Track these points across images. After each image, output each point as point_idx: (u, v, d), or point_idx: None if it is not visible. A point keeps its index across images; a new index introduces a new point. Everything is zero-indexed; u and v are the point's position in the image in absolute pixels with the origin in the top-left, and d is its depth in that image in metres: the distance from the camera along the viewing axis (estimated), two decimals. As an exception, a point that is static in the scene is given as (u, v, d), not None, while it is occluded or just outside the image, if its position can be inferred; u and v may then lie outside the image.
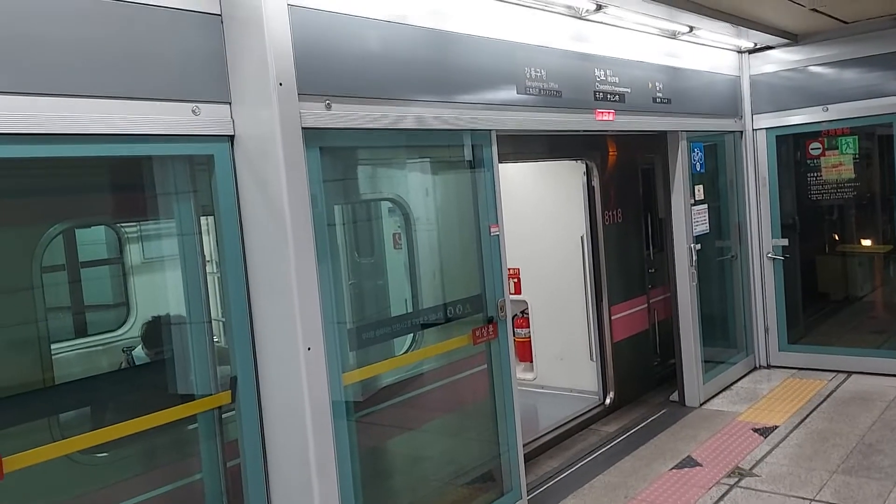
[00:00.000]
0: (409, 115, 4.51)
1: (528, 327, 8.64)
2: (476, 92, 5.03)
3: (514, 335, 8.90)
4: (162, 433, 3.74)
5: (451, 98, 4.81)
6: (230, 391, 3.87)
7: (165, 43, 3.60)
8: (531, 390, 8.44)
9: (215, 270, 4.03)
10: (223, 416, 3.93)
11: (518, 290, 8.63)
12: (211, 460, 3.94)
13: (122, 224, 4.77)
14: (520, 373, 8.76)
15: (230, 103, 3.84)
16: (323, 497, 3.87)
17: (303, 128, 3.84)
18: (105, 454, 3.69)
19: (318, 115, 3.95)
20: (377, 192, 5.26)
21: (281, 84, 3.72)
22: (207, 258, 4.02)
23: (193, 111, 3.68)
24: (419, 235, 5.38)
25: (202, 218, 3.95)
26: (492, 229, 5.14)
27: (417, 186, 5.39)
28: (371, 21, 4.31)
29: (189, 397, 3.81)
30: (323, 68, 4.02)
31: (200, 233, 3.86)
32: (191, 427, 3.92)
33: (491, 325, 5.13)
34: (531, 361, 8.65)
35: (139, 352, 5.06)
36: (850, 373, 8.19)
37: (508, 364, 5.23)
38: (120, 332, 5.73)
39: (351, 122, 4.15)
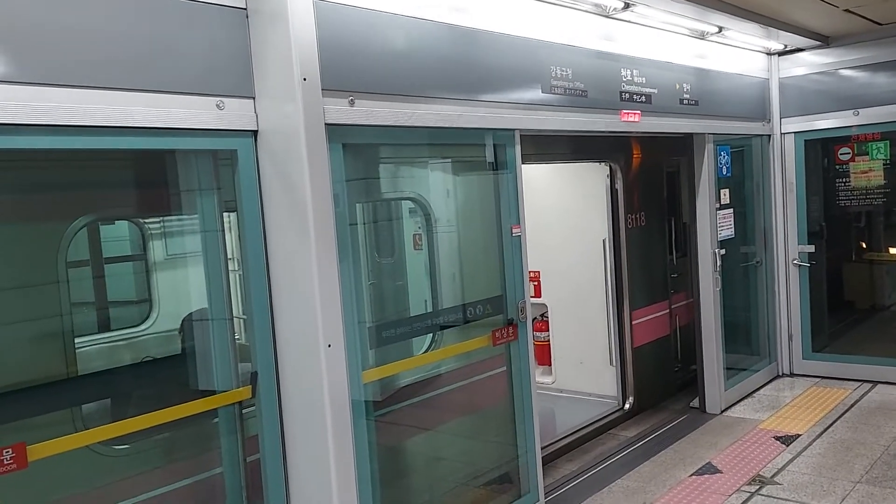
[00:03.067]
0: (432, 113, 4.48)
1: (548, 330, 8.58)
2: (500, 91, 5.00)
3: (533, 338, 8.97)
4: (183, 427, 3.74)
5: (474, 96, 4.78)
6: (251, 386, 3.86)
7: (190, 37, 3.60)
8: (550, 394, 8.40)
9: (237, 267, 4.03)
10: (244, 411, 3.92)
11: (538, 293, 8.58)
12: (231, 455, 3.94)
13: (146, 220, 4.78)
14: (538, 376, 8.71)
15: (254, 98, 3.83)
16: (341, 493, 3.85)
17: (326, 124, 3.82)
18: (126, 446, 3.69)
19: (342, 111, 3.94)
20: (399, 191, 5.24)
21: (305, 79, 3.70)
22: (230, 255, 4.01)
23: (218, 105, 3.67)
24: (440, 236, 5.35)
25: (225, 214, 3.94)
26: (513, 230, 5.10)
27: (439, 186, 5.36)
28: (395, 17, 4.29)
29: (210, 392, 3.81)
30: (346, 64, 4.00)
31: (223, 229, 3.85)
32: (212, 421, 3.91)
33: (511, 327, 5.10)
34: (550, 365, 8.59)
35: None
36: (875, 382, 8.08)
37: (528, 366, 5.20)
38: (142, 327, 5.75)
39: (373, 119, 4.13)
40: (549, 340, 8.61)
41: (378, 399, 4.50)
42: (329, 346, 3.78)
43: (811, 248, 8.54)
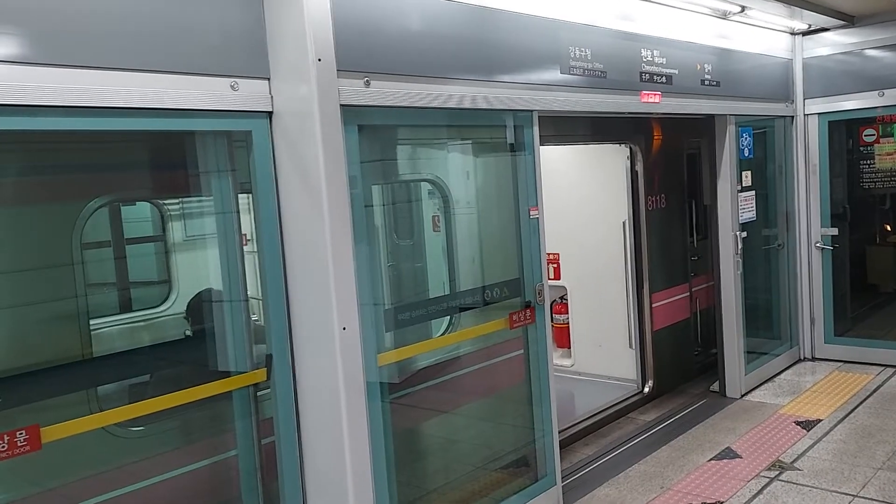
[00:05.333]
0: (449, 94, 4.43)
1: (567, 313, 8.53)
2: (518, 71, 4.94)
3: (552, 321, 8.91)
4: (198, 409, 3.74)
5: (492, 77, 4.72)
6: (266, 369, 3.85)
7: (204, 16, 3.57)
8: (569, 377, 8.37)
9: (254, 249, 4.01)
10: (259, 393, 3.92)
11: (557, 276, 8.53)
12: (246, 437, 3.94)
13: (164, 201, 4.76)
14: (557, 359, 8.66)
15: (269, 79, 3.80)
16: (356, 476, 3.85)
17: (341, 105, 3.78)
18: (141, 427, 3.70)
19: (357, 92, 3.90)
20: (416, 173, 5.20)
21: (320, 60, 3.66)
22: (248, 236, 4.00)
23: (232, 86, 3.65)
24: (458, 218, 5.31)
25: (241, 195, 3.92)
26: (531, 212, 5.05)
27: (457, 168, 5.32)
28: (412, -3, 4.24)
29: (225, 374, 3.80)
30: (362, 44, 3.96)
31: (238, 210, 3.83)
32: (227, 403, 3.91)
33: (528, 310, 5.06)
34: (569, 348, 8.55)
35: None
36: (898, 367, 7.98)
37: (545, 349, 5.16)
38: (162, 308, 5.76)
39: (389, 100, 4.09)
40: (568, 323, 8.56)
41: (395, 381, 4.48)
42: (344, 328, 3.76)
43: (834, 231, 8.42)
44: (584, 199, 8.02)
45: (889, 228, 9.34)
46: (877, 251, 9.49)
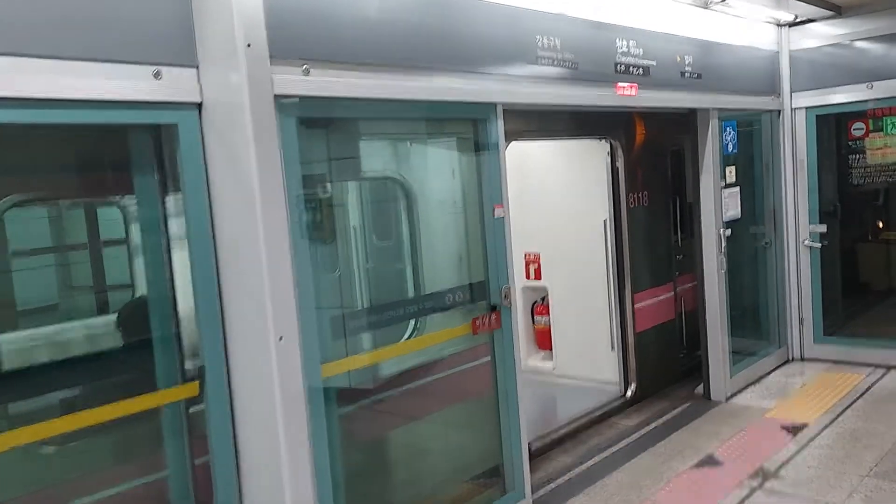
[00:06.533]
0: (402, 85, 4.14)
1: (548, 315, 8.25)
2: (480, 61, 4.64)
3: (533, 322, 8.65)
4: (121, 427, 3.43)
5: (451, 67, 4.43)
6: (198, 382, 3.56)
7: (123, -1, 3.27)
8: (551, 380, 8.09)
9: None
10: (191, 409, 3.62)
11: (538, 276, 8.26)
12: (177, 457, 3.64)
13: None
14: (539, 362, 8.42)
15: (197, 67, 3.50)
16: (296, 498, 3.55)
17: (276, 95, 3.49)
18: (55, 447, 3.39)
19: (294, 81, 3.61)
20: (372, 170, 4.90)
21: (249, 45, 3.37)
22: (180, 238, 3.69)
23: (155, 75, 3.34)
24: (421, 217, 5.02)
25: (170, 195, 3.62)
26: (496, 210, 4.76)
27: (419, 165, 5.02)
28: (359, -21, 3.95)
29: (151, 388, 3.50)
30: (301, 29, 3.67)
31: (164, 211, 3.54)
32: (156, 421, 3.61)
33: (494, 314, 4.76)
34: (551, 350, 8.27)
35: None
36: (889, 367, 7.69)
37: (512, 356, 4.86)
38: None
39: (333, 91, 3.79)
40: (549, 325, 8.28)
41: (347, 392, 4.19)
42: (280, 338, 3.47)
43: (823, 228, 8.14)
44: (564, 197, 7.76)
45: (881, 225, 9.07)
46: (868, 249, 9.23)
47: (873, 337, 8.15)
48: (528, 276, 8.32)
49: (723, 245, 7.16)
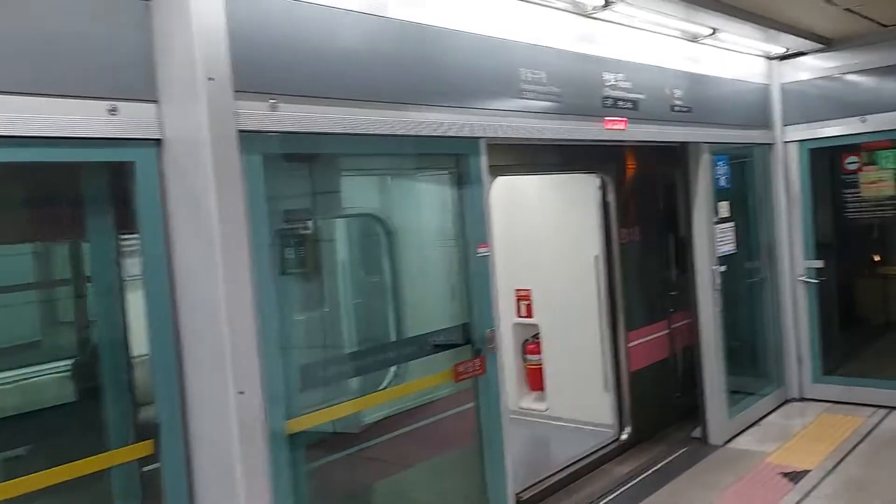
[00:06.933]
0: (378, 120, 3.93)
1: (540, 353, 7.99)
2: (462, 95, 4.45)
3: (524, 361, 8.39)
4: (66, 493, 3.15)
5: (429, 101, 4.23)
6: (153, 440, 3.29)
7: (76, 28, 3.05)
8: (543, 422, 7.81)
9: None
10: (146, 469, 3.35)
11: (530, 313, 8.02)
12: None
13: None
14: (531, 403, 8.15)
15: (157, 102, 3.28)
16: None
17: (239, 130, 3.27)
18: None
19: (261, 116, 3.39)
20: (343, 207, 4.66)
21: (211, 79, 3.16)
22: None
23: (110, 110, 3.12)
24: (402, 257, 4.79)
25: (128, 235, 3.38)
26: (480, 249, 4.53)
27: (394, 201, 4.81)
28: (331, 10, 3.75)
29: (100, 448, 3.23)
30: (269, 62, 3.46)
31: (118, 253, 3.30)
32: (106, 483, 3.33)
33: (478, 359, 4.51)
34: (543, 390, 8.00)
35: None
36: (891, 408, 7.42)
37: (498, 404, 4.60)
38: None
39: (303, 126, 3.57)
40: (541, 364, 8.02)
41: (315, 446, 3.92)
42: (241, 393, 3.21)
43: (819, 264, 7.94)
44: (556, 232, 7.58)
45: (878, 260, 8.86)
46: (866, 284, 9.03)
47: (874, 376, 7.89)
48: (518, 314, 8.08)
49: (717, 282, 6.94)
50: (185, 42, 3.15)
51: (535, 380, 8.20)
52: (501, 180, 6.31)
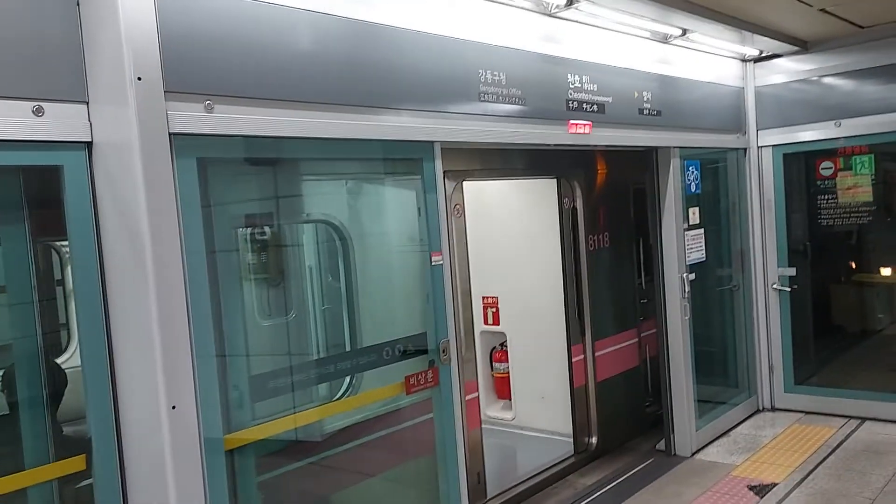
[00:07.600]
0: (323, 122, 3.78)
1: (507, 361, 7.86)
2: (415, 97, 4.30)
3: (492, 370, 8.26)
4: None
5: (380, 103, 4.09)
6: (84, 456, 3.14)
7: (-3, 26, 2.90)
8: (510, 431, 7.68)
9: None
10: (78, 486, 3.19)
11: (497, 321, 7.88)
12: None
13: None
14: (498, 412, 8.01)
15: (87, 103, 3.13)
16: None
17: (171, 133, 3.12)
18: None
19: (195, 118, 3.24)
20: (301, 214, 4.51)
21: (139, 79, 3.01)
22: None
23: (35, 111, 2.98)
24: (356, 264, 4.65)
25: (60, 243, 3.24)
26: (433, 258, 4.40)
27: (345, 207, 4.66)
28: (275, 7, 3.60)
29: (18, 465, 3.08)
30: (204, 61, 3.31)
31: (35, 261, 3.14)
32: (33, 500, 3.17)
33: (431, 371, 4.38)
34: (510, 399, 7.87)
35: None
36: (863, 419, 7.34)
37: (452, 417, 4.46)
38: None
39: (241, 129, 3.42)
40: (508, 372, 7.89)
41: (258, 462, 3.77)
42: (174, 407, 3.06)
43: (792, 271, 7.84)
44: (523, 239, 7.42)
45: (853, 267, 8.79)
46: (840, 291, 8.92)
47: (847, 386, 7.81)
48: (486, 321, 7.94)
49: (686, 290, 6.83)
50: (112, 39, 3.01)
51: (502, 388, 8.07)
52: (469, 185, 6.19)
